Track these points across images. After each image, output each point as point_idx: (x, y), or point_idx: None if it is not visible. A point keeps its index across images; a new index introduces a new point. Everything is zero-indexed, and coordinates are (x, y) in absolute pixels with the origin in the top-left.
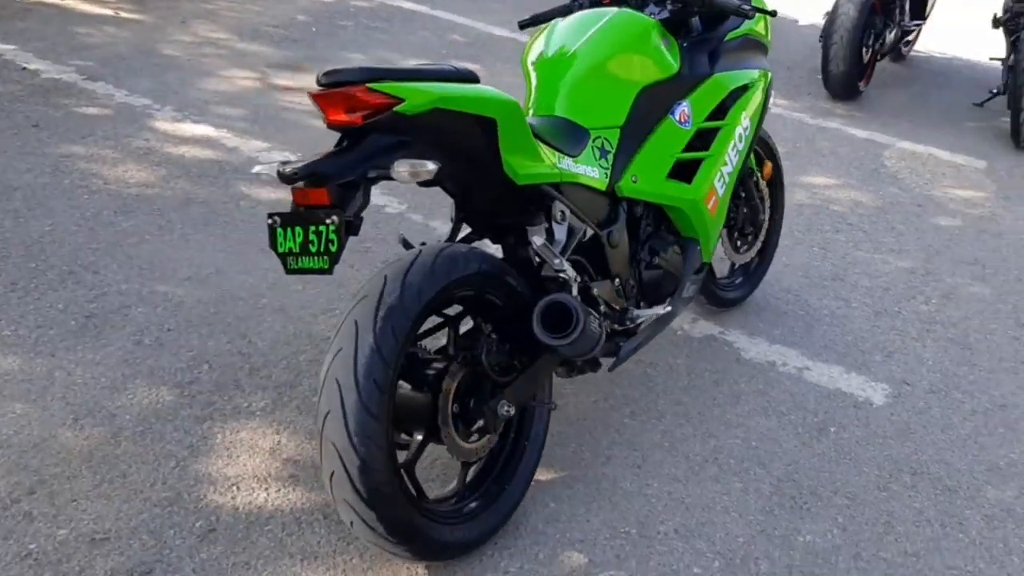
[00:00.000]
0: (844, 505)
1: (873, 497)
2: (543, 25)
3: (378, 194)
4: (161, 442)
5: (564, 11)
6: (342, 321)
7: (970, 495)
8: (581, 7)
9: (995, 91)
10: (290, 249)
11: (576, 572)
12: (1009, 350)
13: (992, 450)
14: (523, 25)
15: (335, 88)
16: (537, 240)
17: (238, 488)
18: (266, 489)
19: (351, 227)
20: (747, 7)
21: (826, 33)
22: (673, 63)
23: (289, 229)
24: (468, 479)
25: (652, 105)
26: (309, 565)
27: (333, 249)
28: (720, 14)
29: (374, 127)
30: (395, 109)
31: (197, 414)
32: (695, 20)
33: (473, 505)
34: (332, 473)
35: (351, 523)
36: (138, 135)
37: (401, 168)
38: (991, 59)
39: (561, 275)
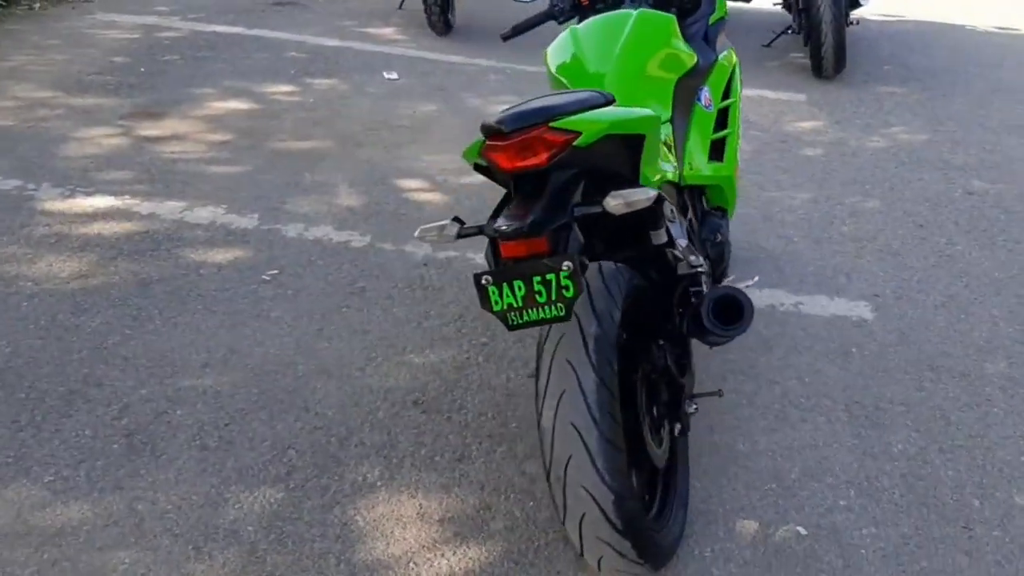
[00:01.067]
0: (903, 411)
1: (918, 398)
2: (561, 33)
3: (336, 228)
4: (305, 543)
5: (544, 17)
6: (547, 363)
7: (979, 375)
8: (562, 12)
9: (787, 30)
10: (510, 305)
11: (757, 537)
12: (925, 248)
13: (968, 334)
14: (506, 37)
15: (515, 134)
16: (682, 242)
17: (416, 563)
18: (443, 555)
19: (584, 268)
20: None
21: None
22: (692, 53)
23: (506, 285)
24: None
25: (685, 95)
26: None
27: (568, 295)
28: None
29: (556, 165)
30: (574, 144)
31: (321, 503)
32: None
33: (664, 505)
34: (583, 516)
35: (599, 559)
36: (34, 222)
37: (615, 201)
38: (775, 4)
39: (699, 269)
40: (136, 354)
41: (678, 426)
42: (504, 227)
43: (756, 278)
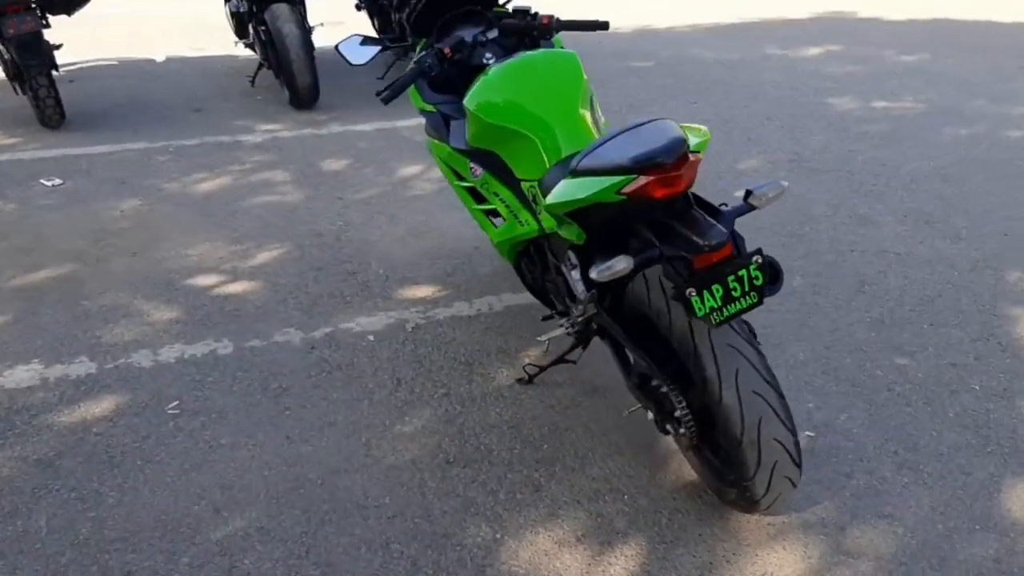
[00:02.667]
0: (782, 330)
1: (778, 319)
2: (483, 80)
3: (186, 343)
4: None
5: (417, 75)
6: (709, 355)
7: (791, 292)
8: (431, 67)
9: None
10: (712, 307)
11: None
12: None
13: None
14: (387, 100)
15: (674, 166)
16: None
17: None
18: (610, 564)
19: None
20: (603, 20)
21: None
22: (588, 85)
23: (705, 291)
24: None
25: (594, 122)
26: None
27: (759, 283)
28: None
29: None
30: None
31: (471, 573)
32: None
33: None
34: (775, 463)
35: (776, 497)
36: None
37: (759, 199)
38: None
39: None
40: (131, 532)
41: None
42: (705, 243)
43: None
